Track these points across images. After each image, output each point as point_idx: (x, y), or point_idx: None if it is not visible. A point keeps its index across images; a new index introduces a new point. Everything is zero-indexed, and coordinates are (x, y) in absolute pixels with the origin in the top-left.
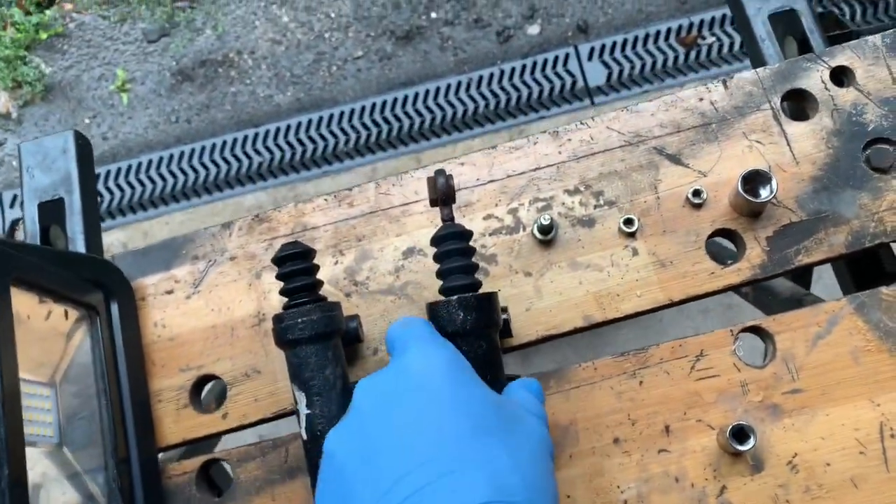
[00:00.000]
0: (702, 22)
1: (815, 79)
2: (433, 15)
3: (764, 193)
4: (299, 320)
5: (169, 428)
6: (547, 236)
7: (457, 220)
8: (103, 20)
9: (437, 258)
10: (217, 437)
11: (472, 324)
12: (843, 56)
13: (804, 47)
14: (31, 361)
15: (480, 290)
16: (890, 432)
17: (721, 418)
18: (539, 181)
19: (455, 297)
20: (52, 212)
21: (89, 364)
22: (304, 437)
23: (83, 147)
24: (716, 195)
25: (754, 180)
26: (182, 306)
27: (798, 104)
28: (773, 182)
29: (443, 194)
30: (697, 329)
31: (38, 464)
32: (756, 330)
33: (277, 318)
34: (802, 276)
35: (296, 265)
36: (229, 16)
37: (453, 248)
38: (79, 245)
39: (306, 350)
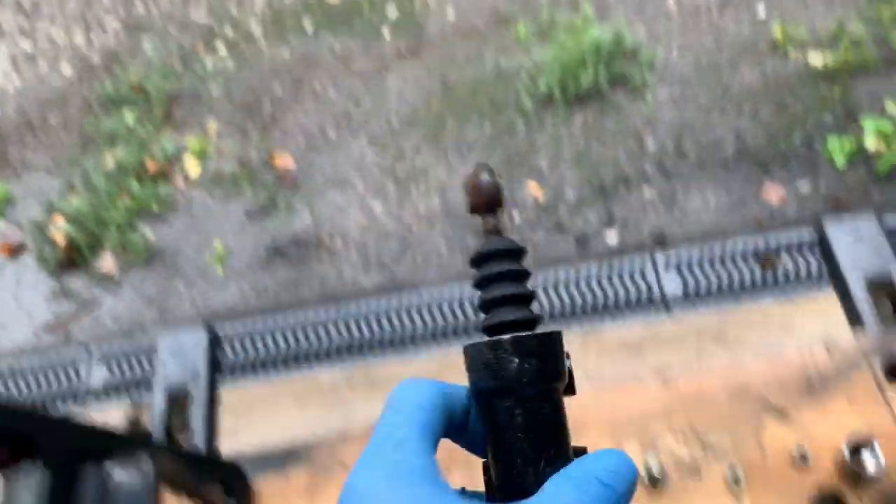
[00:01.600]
0: (778, 244)
1: None
2: (515, 216)
3: (869, 463)
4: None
5: None
6: (655, 486)
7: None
8: (210, 198)
9: (478, 284)
10: None
11: (532, 375)
12: None
13: None
14: None
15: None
16: None
17: None
18: (647, 421)
19: (508, 335)
20: (178, 400)
21: None
22: None
23: (213, 341)
24: (818, 456)
25: (858, 446)
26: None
27: None
28: (880, 456)
29: (486, 197)
30: None
31: None
32: None
33: None
34: None
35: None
36: (327, 202)
37: (502, 269)
38: (198, 435)
39: None
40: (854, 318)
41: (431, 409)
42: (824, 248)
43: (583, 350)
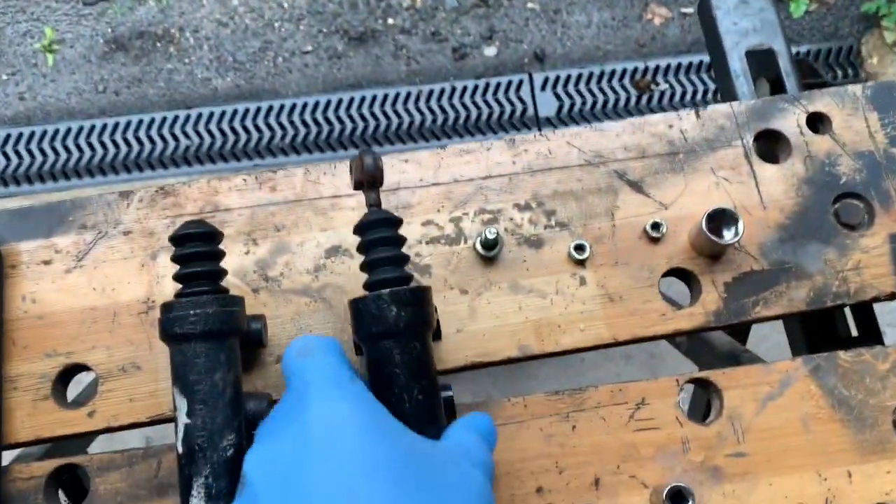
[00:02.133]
0: (657, 67)
1: (790, 121)
2: (390, 20)
3: (728, 235)
4: (191, 312)
5: (21, 421)
6: (490, 252)
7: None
8: None
9: (361, 248)
10: (78, 438)
11: (406, 322)
12: (822, 102)
13: (776, 90)
14: None
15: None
16: None
17: (657, 476)
18: (488, 191)
19: (387, 290)
20: None
21: None
22: (180, 450)
23: None
24: (675, 230)
25: (719, 220)
26: (59, 281)
27: (770, 145)
28: (740, 224)
29: (370, 176)
30: (620, 375)
31: None
32: (703, 383)
33: (165, 307)
34: (741, 330)
35: (197, 247)
36: None
37: (381, 236)
38: None
39: (195, 348)
40: (730, 94)
41: (343, 353)
42: (705, 13)
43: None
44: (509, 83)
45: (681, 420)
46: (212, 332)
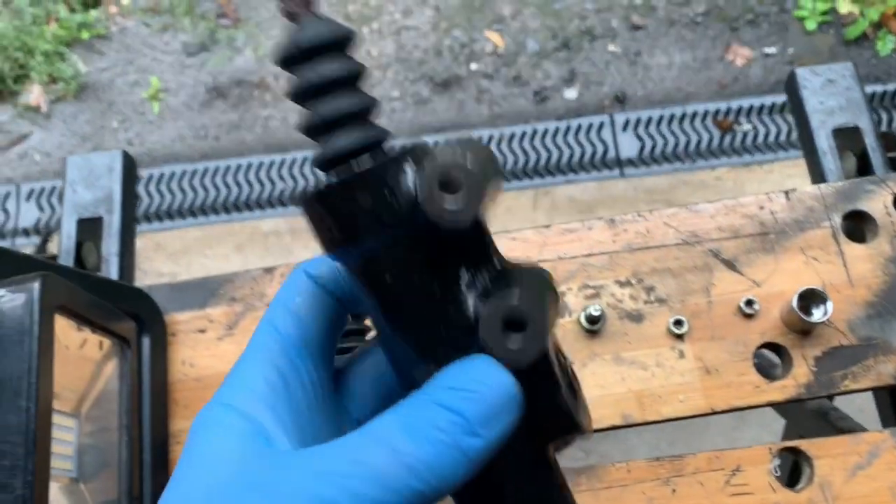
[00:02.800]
0: (740, 108)
1: (877, 202)
2: (473, 66)
3: (817, 314)
4: None
5: None
6: (594, 326)
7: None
8: (146, 27)
9: (298, 95)
10: None
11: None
12: None
13: (863, 163)
14: (61, 390)
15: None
16: None
17: None
18: (591, 268)
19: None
20: (89, 229)
21: (114, 397)
22: None
23: (129, 168)
24: (768, 307)
25: (809, 298)
26: (213, 347)
27: (857, 225)
28: (829, 303)
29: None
30: (708, 426)
31: (55, 501)
32: (794, 451)
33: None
34: None
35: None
36: (271, 39)
37: (333, 72)
38: (112, 267)
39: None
40: (817, 174)
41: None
42: (792, 93)
43: (532, 207)
44: (590, 125)
45: (774, 486)
46: None
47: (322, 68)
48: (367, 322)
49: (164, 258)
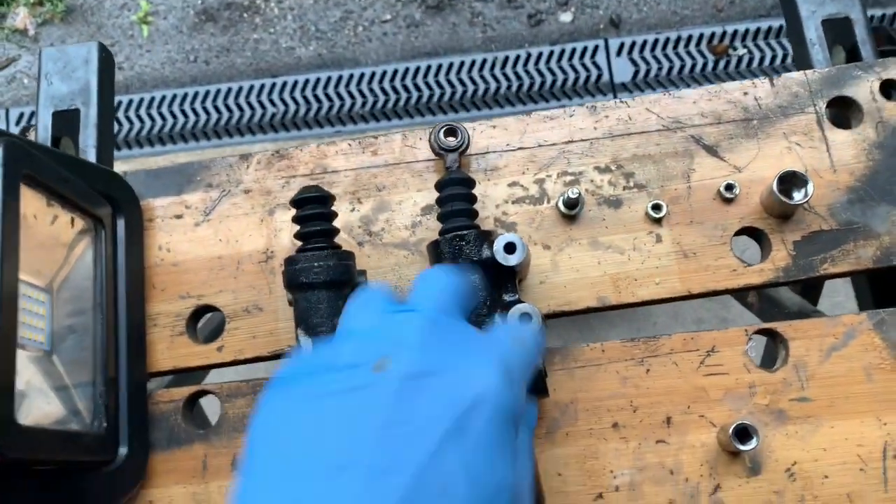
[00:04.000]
0: (735, 32)
1: (863, 88)
2: None
3: (798, 196)
4: (316, 264)
5: (161, 353)
6: (572, 211)
7: (481, 184)
8: None
9: (439, 202)
10: (209, 369)
11: (481, 253)
12: None
13: (852, 58)
14: (32, 264)
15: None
16: (893, 452)
17: (724, 417)
18: (570, 154)
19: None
20: (66, 122)
21: (89, 277)
22: None
23: (106, 60)
24: (748, 192)
25: (790, 182)
26: (189, 233)
27: (842, 112)
28: (810, 185)
29: (442, 149)
30: None
31: (25, 369)
32: (771, 333)
33: (290, 260)
34: (812, 291)
35: (316, 209)
36: None
37: (455, 192)
38: (90, 159)
39: (318, 295)
40: (805, 62)
41: None
42: None
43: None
44: (585, 49)
45: (748, 367)
46: (332, 281)
47: (448, 191)
48: None
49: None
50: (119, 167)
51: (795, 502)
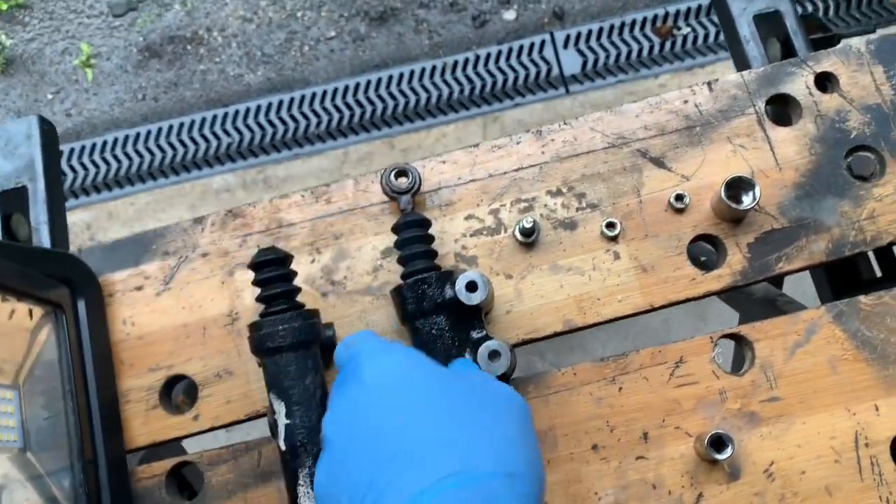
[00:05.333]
0: (678, 12)
1: (799, 84)
2: None
3: (747, 200)
4: (280, 328)
5: (138, 429)
6: (529, 238)
7: (437, 220)
8: None
9: (397, 245)
10: (188, 438)
11: (447, 297)
12: (828, 62)
13: (787, 49)
14: None
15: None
16: (864, 441)
17: (699, 425)
18: (521, 182)
19: (423, 275)
20: (14, 200)
21: (55, 363)
22: (283, 447)
23: (48, 133)
24: (698, 199)
25: (737, 186)
26: (152, 304)
27: (782, 109)
28: (757, 189)
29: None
30: (669, 333)
31: (0, 469)
32: (735, 337)
33: (255, 326)
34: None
35: (274, 271)
36: None
37: (413, 235)
38: (43, 235)
39: (286, 358)
40: (742, 63)
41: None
42: None
43: (482, 135)
44: (532, 45)
45: (717, 374)
46: (299, 342)
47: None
48: None
49: (118, 227)
50: (79, 214)
51: (776, 501)
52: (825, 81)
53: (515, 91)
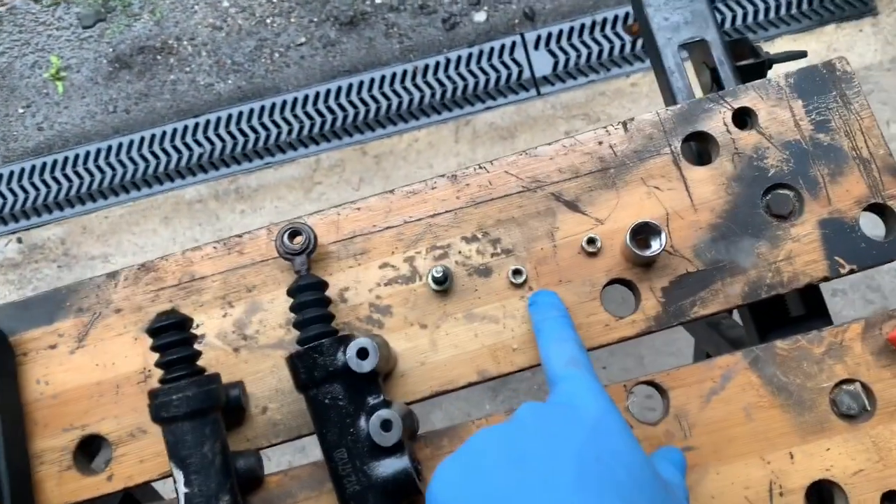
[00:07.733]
0: None
1: (717, 121)
2: (377, 0)
3: (655, 246)
4: (174, 397)
5: (51, 491)
6: (442, 287)
7: (351, 270)
8: (35, 3)
9: (293, 309)
10: (102, 499)
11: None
12: (747, 97)
13: (716, 77)
14: None
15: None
16: (779, 490)
17: None
18: (437, 228)
19: (319, 342)
20: None
21: None
22: None
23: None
24: (611, 244)
25: (645, 231)
26: (66, 362)
27: (702, 146)
28: (663, 236)
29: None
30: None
31: None
32: (650, 384)
33: (152, 394)
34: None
35: (171, 336)
36: (167, 0)
37: (308, 298)
38: None
39: (182, 427)
40: (668, 95)
41: None
42: (638, 11)
43: (454, 139)
44: (503, 46)
45: (631, 423)
46: (194, 411)
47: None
48: None
49: (92, 241)
50: (53, 230)
51: None
52: (745, 117)
53: (487, 94)
